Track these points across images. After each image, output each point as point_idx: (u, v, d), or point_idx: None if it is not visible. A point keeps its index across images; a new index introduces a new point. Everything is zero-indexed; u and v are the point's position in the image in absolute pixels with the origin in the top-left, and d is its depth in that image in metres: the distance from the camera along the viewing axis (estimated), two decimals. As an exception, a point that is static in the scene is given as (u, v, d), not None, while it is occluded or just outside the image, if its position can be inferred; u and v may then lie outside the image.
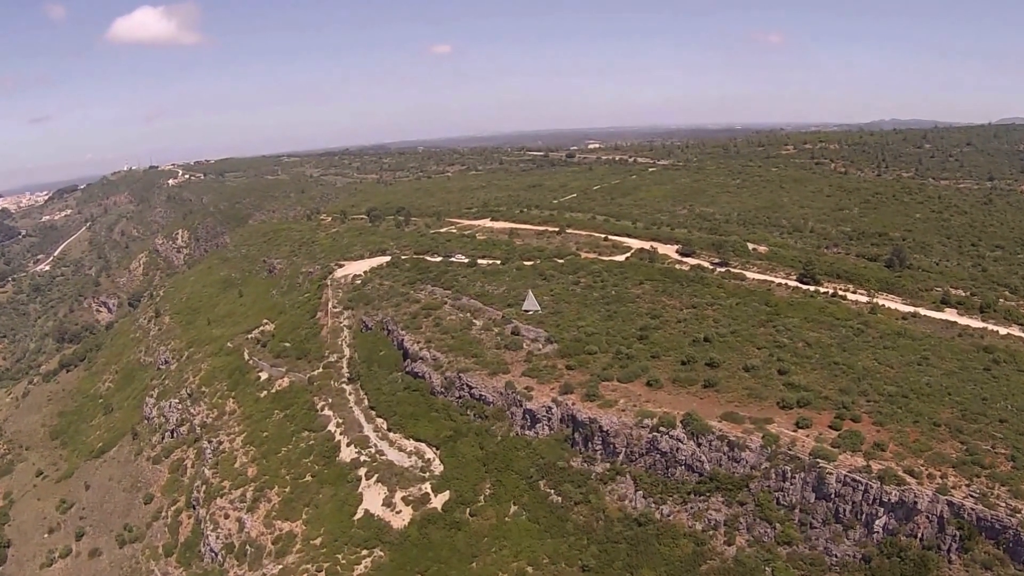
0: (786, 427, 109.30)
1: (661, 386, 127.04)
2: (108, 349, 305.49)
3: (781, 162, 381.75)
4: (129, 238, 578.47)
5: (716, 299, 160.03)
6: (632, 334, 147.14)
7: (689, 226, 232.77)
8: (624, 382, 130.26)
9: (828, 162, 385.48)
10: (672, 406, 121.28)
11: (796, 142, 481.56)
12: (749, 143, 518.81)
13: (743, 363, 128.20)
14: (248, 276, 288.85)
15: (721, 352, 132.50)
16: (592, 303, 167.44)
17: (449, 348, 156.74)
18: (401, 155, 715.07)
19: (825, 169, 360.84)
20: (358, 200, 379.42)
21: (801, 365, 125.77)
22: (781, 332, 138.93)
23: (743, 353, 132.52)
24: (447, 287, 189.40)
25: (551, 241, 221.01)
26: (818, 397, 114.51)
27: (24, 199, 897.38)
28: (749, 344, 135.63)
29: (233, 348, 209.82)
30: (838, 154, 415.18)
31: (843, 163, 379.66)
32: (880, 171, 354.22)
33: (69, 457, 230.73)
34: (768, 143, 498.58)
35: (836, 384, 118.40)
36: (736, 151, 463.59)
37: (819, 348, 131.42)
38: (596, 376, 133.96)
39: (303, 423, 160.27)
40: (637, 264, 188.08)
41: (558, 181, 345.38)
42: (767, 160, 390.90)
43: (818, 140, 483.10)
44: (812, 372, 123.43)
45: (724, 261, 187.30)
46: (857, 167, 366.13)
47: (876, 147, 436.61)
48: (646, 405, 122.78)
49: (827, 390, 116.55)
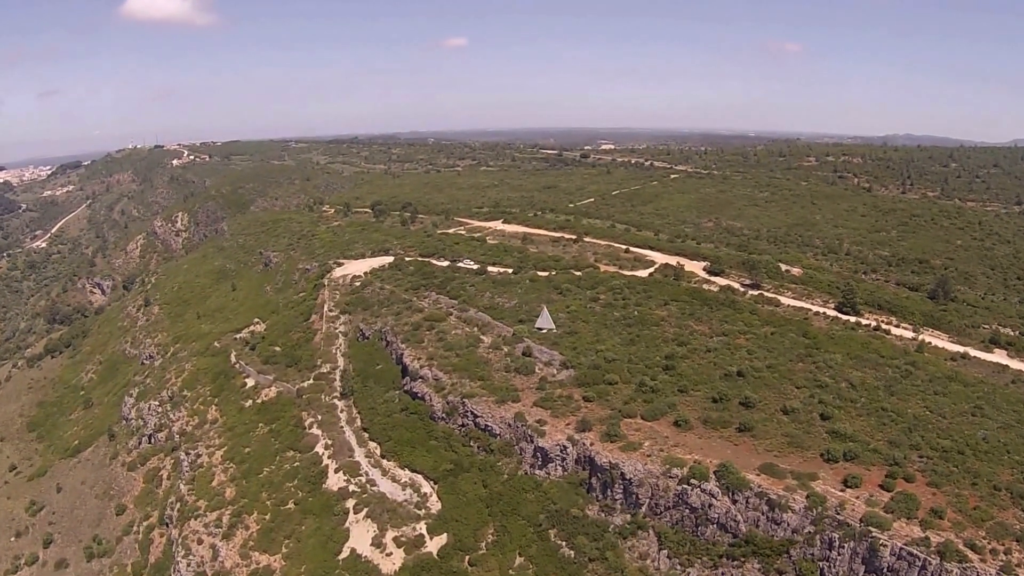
0: (833, 485, 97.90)
1: (691, 427, 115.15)
2: (94, 336, 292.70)
3: (803, 174, 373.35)
4: (129, 218, 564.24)
5: (749, 327, 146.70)
6: (657, 363, 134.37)
7: (716, 241, 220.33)
8: (649, 420, 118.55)
9: (851, 176, 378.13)
10: (704, 453, 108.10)
11: (818, 154, 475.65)
12: (769, 152, 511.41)
13: (781, 404, 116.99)
14: (243, 268, 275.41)
15: (756, 389, 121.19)
16: (612, 324, 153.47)
17: (453, 368, 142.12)
18: (411, 146, 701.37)
19: (849, 184, 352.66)
20: (363, 192, 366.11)
21: (846, 410, 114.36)
22: (822, 369, 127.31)
23: (781, 392, 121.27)
24: (453, 296, 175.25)
25: (567, 250, 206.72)
26: (866, 450, 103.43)
27: (27, 173, 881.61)
28: (787, 382, 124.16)
29: (220, 349, 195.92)
30: (861, 168, 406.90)
31: (867, 178, 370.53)
32: (905, 188, 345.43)
33: (44, 453, 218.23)
34: (789, 153, 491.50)
35: (885, 434, 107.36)
36: (756, 160, 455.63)
37: (864, 390, 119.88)
38: (617, 411, 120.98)
39: (288, 441, 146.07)
40: (662, 282, 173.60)
41: (574, 183, 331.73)
42: (788, 171, 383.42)
43: (841, 153, 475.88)
44: (858, 419, 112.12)
45: (756, 283, 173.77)
46: (881, 183, 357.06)
47: (901, 164, 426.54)
48: (674, 450, 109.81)
49: (875, 441, 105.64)
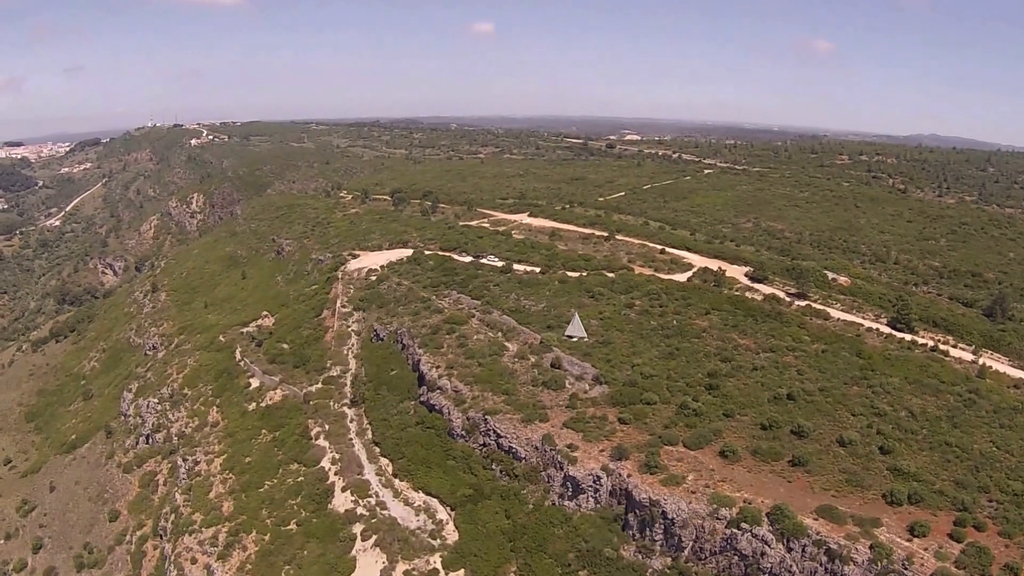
0: (898, 533, 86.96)
1: (739, 459, 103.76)
2: (100, 322, 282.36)
3: (836, 172, 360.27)
4: (144, 197, 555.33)
5: (798, 343, 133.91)
6: (699, 380, 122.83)
7: (756, 243, 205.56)
8: (692, 449, 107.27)
9: (886, 177, 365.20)
10: (754, 490, 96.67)
11: (851, 152, 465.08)
12: (800, 149, 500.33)
13: (837, 434, 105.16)
14: (254, 256, 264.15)
15: (809, 416, 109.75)
16: (649, 334, 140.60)
17: (475, 379, 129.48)
18: (433, 131, 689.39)
19: (883, 184, 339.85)
20: (383, 178, 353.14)
21: (907, 443, 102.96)
22: (879, 395, 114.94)
23: (836, 420, 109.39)
24: (476, 296, 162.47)
25: (599, 248, 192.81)
26: (931, 491, 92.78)
27: (45, 149, 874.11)
28: (841, 408, 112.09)
29: (225, 343, 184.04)
30: (896, 169, 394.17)
31: (901, 179, 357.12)
32: (941, 192, 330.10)
33: (40, 446, 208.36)
34: (821, 151, 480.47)
35: (950, 473, 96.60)
36: (787, 156, 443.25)
37: (926, 421, 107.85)
38: (657, 437, 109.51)
39: (293, 452, 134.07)
40: (701, 288, 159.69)
41: (603, 175, 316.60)
42: (821, 169, 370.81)
43: (875, 152, 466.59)
44: (920, 454, 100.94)
45: (802, 292, 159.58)
46: (916, 185, 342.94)
47: (937, 166, 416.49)
48: (721, 486, 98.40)
49: (941, 481, 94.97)
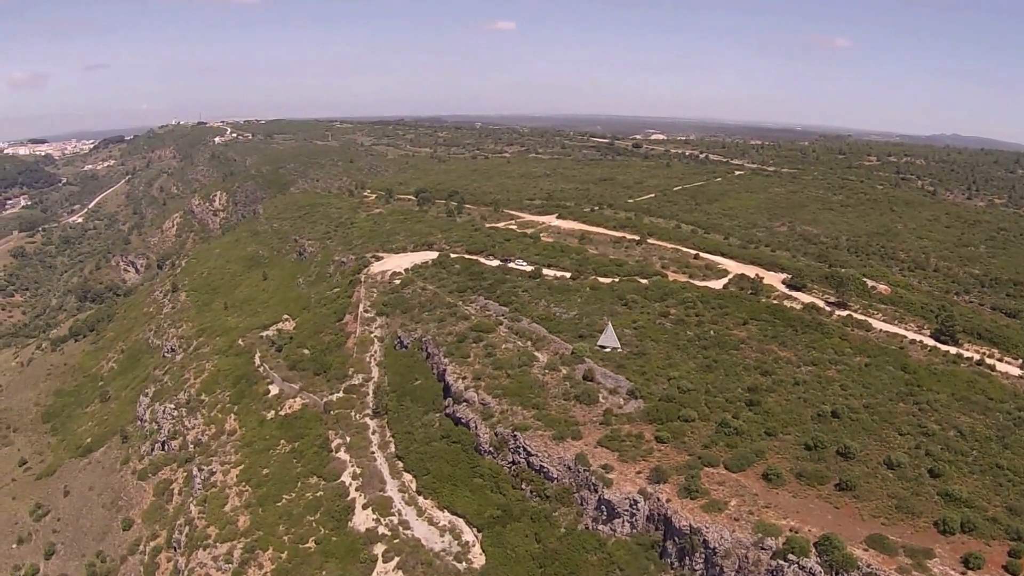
0: (952, 566, 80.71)
1: (783, 483, 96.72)
2: (119, 321, 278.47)
3: (864, 174, 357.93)
4: (168, 195, 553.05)
5: (840, 355, 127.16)
6: (738, 396, 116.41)
7: (792, 249, 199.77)
8: (734, 471, 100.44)
9: (914, 178, 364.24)
10: (800, 518, 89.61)
11: (879, 153, 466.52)
12: (828, 150, 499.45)
13: (884, 455, 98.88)
14: (276, 256, 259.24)
15: (854, 435, 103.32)
16: (685, 345, 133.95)
17: (503, 392, 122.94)
18: (457, 130, 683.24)
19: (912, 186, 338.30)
20: (407, 177, 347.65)
21: (957, 465, 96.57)
22: (926, 412, 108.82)
23: (882, 440, 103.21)
24: (504, 303, 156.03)
25: (630, 253, 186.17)
26: (984, 519, 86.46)
27: (69, 146, 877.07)
28: (888, 426, 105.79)
29: (244, 347, 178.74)
30: (925, 171, 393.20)
31: (930, 181, 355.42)
32: (970, 194, 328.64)
33: (56, 448, 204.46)
34: (849, 151, 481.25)
35: (1003, 499, 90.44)
36: (815, 157, 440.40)
37: (975, 441, 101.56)
38: (696, 458, 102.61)
39: (312, 465, 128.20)
40: (738, 296, 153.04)
41: (632, 176, 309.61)
42: (849, 170, 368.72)
43: (903, 153, 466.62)
44: (971, 477, 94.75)
45: (842, 301, 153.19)
46: (946, 187, 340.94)
47: (965, 167, 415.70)
48: (765, 513, 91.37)
49: (993, 507, 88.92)
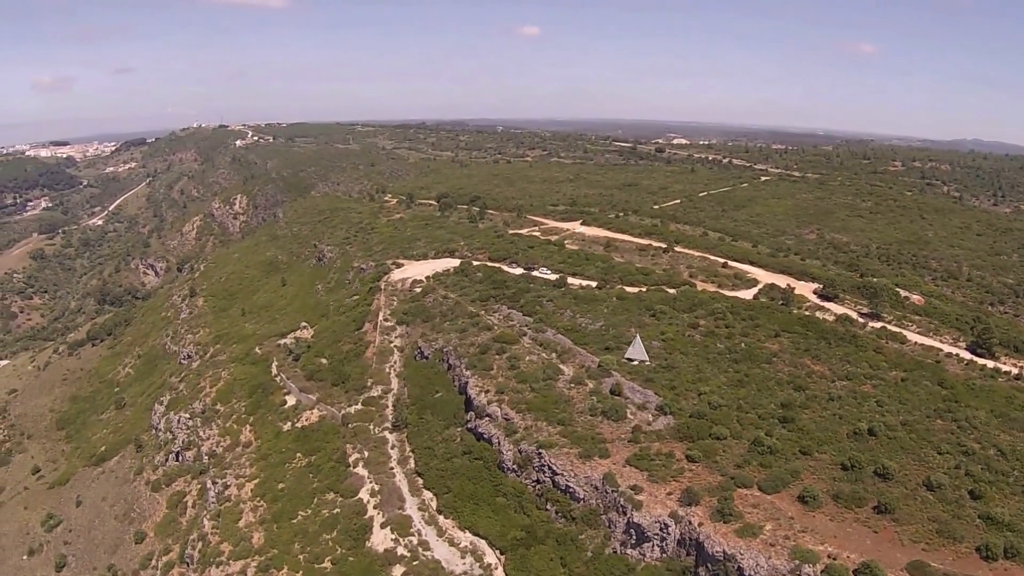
0: None
1: (820, 505, 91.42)
2: (136, 326, 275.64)
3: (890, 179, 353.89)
4: (188, 198, 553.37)
5: (875, 369, 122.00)
6: (771, 412, 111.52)
7: (822, 257, 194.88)
8: (768, 493, 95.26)
9: (940, 184, 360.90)
10: (839, 543, 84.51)
11: (904, 158, 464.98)
12: (853, 155, 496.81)
13: (923, 476, 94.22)
14: (295, 261, 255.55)
15: (892, 454, 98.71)
16: (715, 358, 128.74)
17: (527, 407, 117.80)
18: (479, 133, 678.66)
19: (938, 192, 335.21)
20: (429, 182, 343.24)
21: (998, 487, 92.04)
22: (965, 430, 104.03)
23: (921, 460, 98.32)
24: (528, 313, 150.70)
25: (657, 261, 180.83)
26: None
27: (91, 148, 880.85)
28: (926, 444, 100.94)
29: (261, 356, 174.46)
30: (950, 176, 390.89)
31: (956, 187, 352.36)
32: (996, 200, 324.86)
33: (70, 456, 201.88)
34: (874, 157, 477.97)
35: None
36: (840, 162, 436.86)
37: (1016, 460, 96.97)
38: (729, 479, 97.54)
39: (329, 480, 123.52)
40: (769, 307, 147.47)
41: (656, 182, 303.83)
42: (874, 175, 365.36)
43: (928, 159, 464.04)
44: (1012, 499, 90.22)
45: (875, 312, 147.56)
46: (971, 193, 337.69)
47: (991, 173, 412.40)
48: (802, 537, 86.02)
49: None
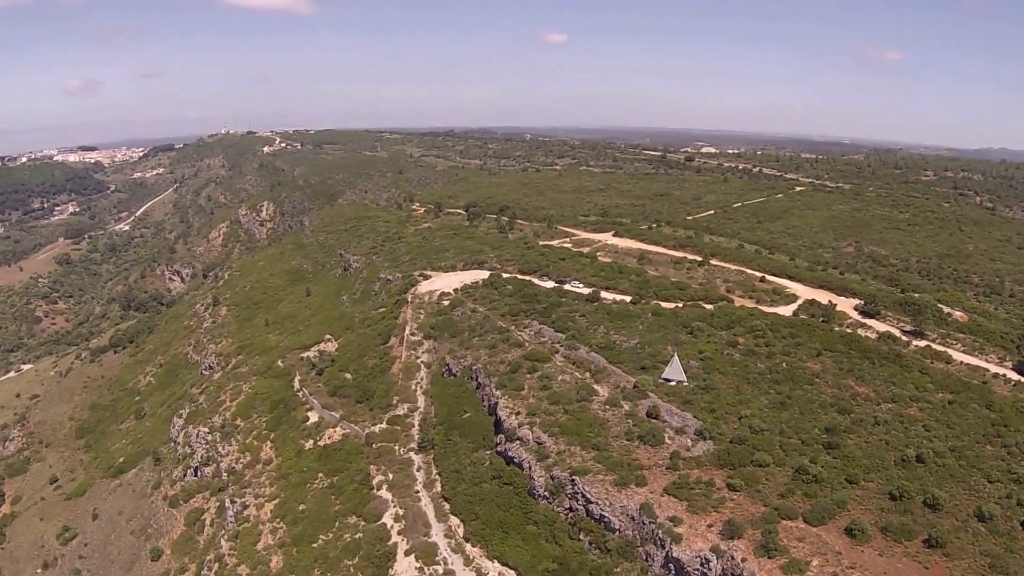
0: None
1: (868, 539, 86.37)
2: (159, 334, 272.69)
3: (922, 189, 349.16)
4: (215, 204, 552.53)
5: (921, 391, 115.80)
6: (815, 437, 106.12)
7: (861, 271, 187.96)
8: (814, 524, 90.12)
9: (972, 194, 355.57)
10: None
11: (935, 167, 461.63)
12: (884, 164, 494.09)
13: (974, 506, 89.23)
14: (320, 271, 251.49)
15: (941, 482, 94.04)
16: (756, 379, 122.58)
17: (560, 430, 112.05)
18: (508, 141, 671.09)
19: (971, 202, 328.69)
20: (457, 190, 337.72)
21: None
22: (1015, 456, 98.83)
23: (971, 488, 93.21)
24: (560, 329, 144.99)
25: (693, 275, 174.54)
26: None
27: (119, 154, 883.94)
28: (976, 472, 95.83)
29: (283, 369, 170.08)
30: (983, 186, 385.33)
31: (988, 197, 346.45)
32: None
33: (88, 466, 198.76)
34: (905, 166, 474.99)
35: None
36: (871, 172, 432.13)
37: None
38: (773, 510, 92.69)
39: (352, 503, 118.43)
40: (810, 324, 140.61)
41: (689, 192, 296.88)
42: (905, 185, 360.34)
43: (960, 168, 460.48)
44: None
45: (919, 330, 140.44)
46: (1004, 203, 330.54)
47: None
48: (850, 575, 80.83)
49: None
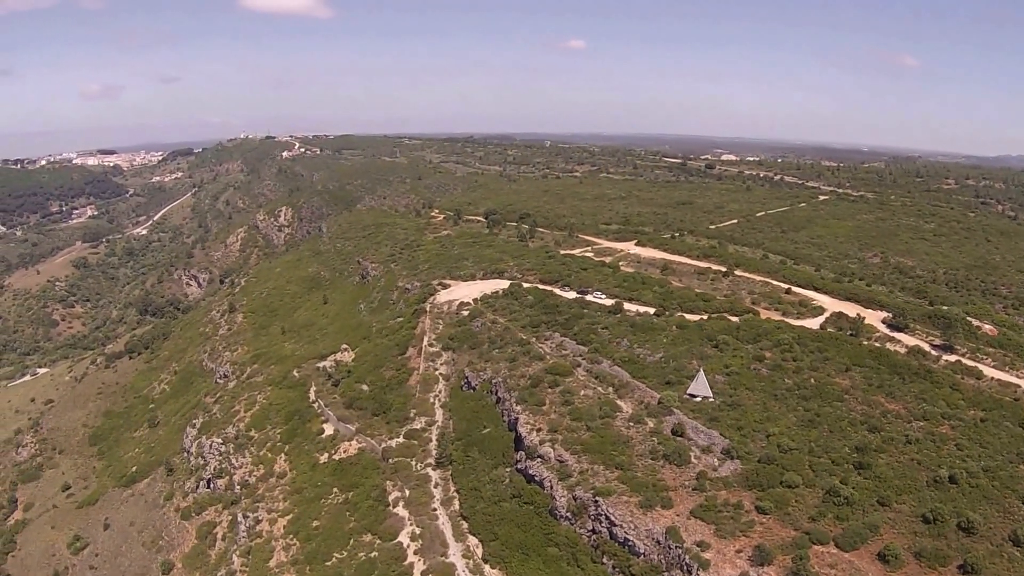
0: None
1: (901, 564, 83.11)
2: (175, 340, 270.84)
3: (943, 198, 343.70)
4: (233, 209, 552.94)
5: (953, 409, 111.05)
6: (846, 457, 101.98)
7: (888, 283, 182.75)
8: (846, 550, 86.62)
9: (994, 203, 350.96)
10: None
11: (956, 175, 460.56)
12: (906, 173, 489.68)
13: (1009, 529, 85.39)
14: (338, 278, 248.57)
15: (974, 504, 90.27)
16: (784, 395, 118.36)
17: (582, 448, 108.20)
18: (527, 148, 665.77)
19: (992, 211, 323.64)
20: (476, 197, 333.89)
21: None
22: None
23: (1005, 510, 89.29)
24: (582, 341, 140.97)
25: (717, 286, 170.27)
26: None
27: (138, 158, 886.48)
28: (1010, 493, 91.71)
29: (299, 380, 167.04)
30: (1004, 194, 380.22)
31: (1011, 206, 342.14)
32: None
33: (100, 475, 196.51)
34: (927, 174, 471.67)
35: None
36: (893, 180, 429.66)
37: None
38: (804, 534, 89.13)
39: (367, 520, 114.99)
40: (838, 338, 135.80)
41: (711, 200, 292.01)
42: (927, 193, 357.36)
43: (981, 177, 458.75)
44: None
45: (948, 344, 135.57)
46: None
47: None
48: None
49: None
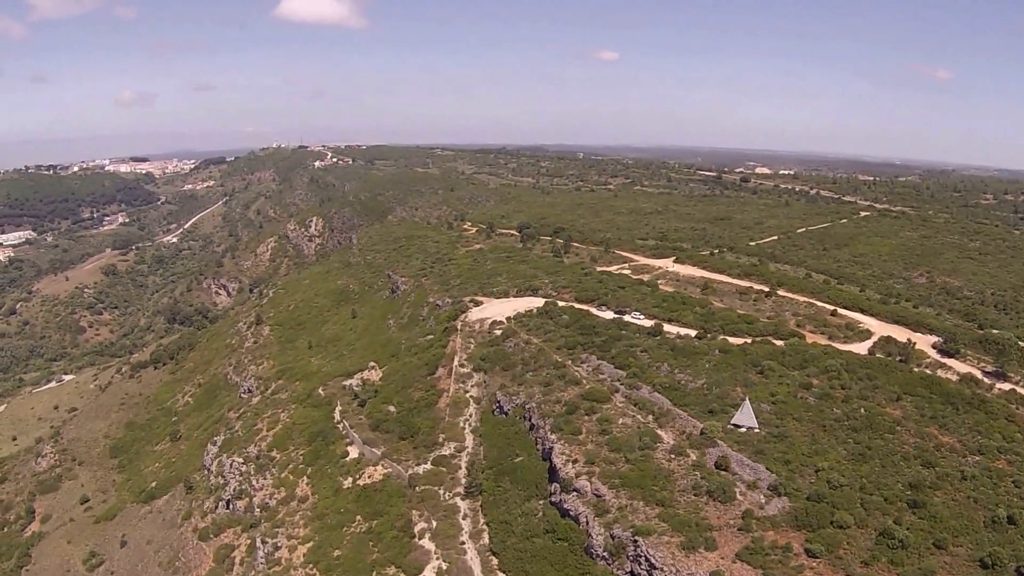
0: None
1: None
2: (200, 351, 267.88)
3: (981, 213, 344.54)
4: (264, 218, 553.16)
5: (1009, 442, 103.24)
6: (898, 494, 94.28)
7: (936, 304, 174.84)
8: None
9: None
10: None
11: (994, 190, 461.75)
12: (943, 187, 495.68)
13: None
14: (367, 292, 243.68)
15: None
16: (832, 426, 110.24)
17: (621, 481, 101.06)
18: (560, 160, 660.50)
19: None
20: (509, 209, 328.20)
21: None
22: None
23: None
24: (620, 365, 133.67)
25: (760, 307, 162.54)
26: None
27: (170, 165, 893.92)
28: None
29: (324, 398, 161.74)
30: None
31: None
32: None
33: (120, 489, 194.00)
34: (964, 189, 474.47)
35: None
36: (930, 195, 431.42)
37: None
38: None
39: (391, 552, 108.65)
40: (887, 364, 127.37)
41: (750, 215, 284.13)
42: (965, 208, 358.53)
43: (1020, 191, 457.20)
44: None
45: (1001, 371, 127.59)
46: None
47: None
48: None
49: None
